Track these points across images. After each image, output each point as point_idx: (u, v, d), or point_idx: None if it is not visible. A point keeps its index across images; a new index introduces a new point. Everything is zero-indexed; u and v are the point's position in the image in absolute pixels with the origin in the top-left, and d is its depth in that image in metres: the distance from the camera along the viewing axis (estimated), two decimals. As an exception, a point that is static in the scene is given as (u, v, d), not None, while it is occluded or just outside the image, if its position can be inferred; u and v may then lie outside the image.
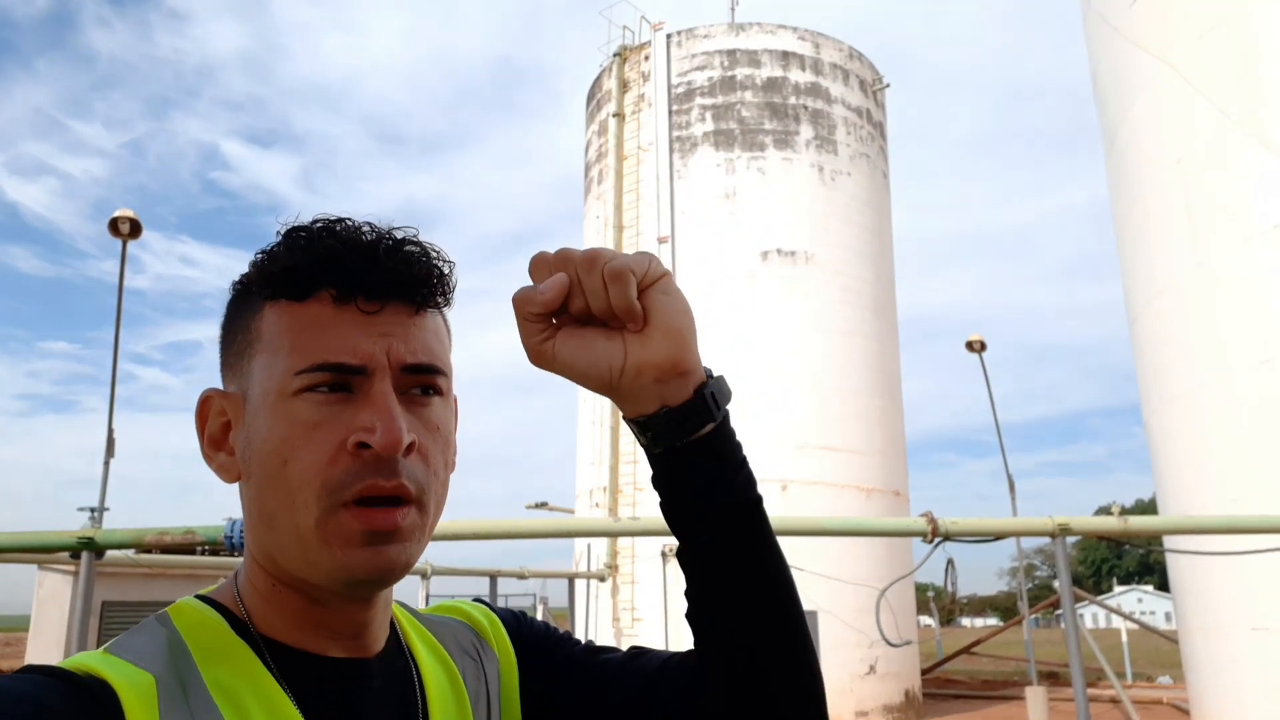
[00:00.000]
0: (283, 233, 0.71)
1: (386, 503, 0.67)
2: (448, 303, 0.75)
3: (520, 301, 0.67)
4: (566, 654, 0.87)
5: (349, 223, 0.70)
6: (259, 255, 0.71)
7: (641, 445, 0.75)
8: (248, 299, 0.73)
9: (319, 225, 0.70)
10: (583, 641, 0.90)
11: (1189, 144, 10.39)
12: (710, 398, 0.72)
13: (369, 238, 0.69)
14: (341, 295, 0.68)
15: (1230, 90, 9.95)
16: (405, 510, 0.68)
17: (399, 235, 0.71)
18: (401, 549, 0.68)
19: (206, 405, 0.76)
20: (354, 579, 0.67)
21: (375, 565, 0.67)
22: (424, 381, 0.71)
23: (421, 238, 0.73)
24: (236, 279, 0.74)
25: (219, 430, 0.75)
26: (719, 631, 0.75)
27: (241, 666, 0.67)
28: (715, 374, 0.74)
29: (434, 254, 0.72)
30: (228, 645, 0.68)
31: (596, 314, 0.68)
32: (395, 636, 0.79)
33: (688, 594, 0.76)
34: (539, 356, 0.70)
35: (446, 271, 0.73)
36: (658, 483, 0.75)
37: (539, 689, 0.85)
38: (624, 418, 0.75)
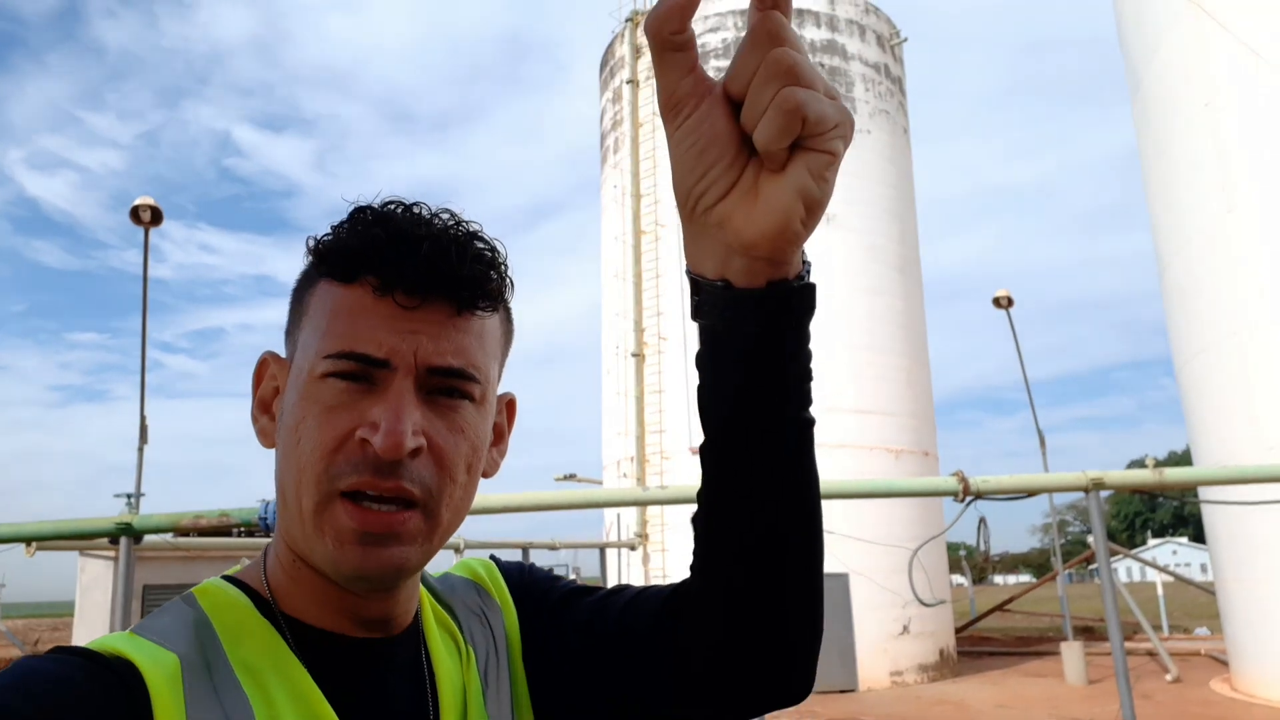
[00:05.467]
0: (350, 211, 0.69)
1: (387, 503, 0.66)
2: (495, 308, 0.72)
3: (655, 23, 0.54)
4: (558, 596, 0.87)
5: (411, 211, 0.68)
6: (328, 230, 0.71)
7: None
8: (309, 271, 0.73)
9: (378, 210, 0.68)
10: (576, 585, 0.90)
11: (1218, 86, 10.14)
12: (781, 301, 0.61)
13: (419, 230, 0.67)
14: (382, 286, 0.67)
15: (1261, 28, 9.67)
16: (408, 515, 0.66)
17: (455, 231, 0.68)
18: (399, 552, 0.66)
19: (263, 368, 0.77)
20: (345, 576, 0.67)
21: (367, 565, 0.66)
22: (452, 385, 0.69)
23: (485, 234, 0.70)
24: (308, 246, 0.72)
25: (270, 394, 0.75)
26: (733, 530, 0.69)
27: (265, 646, 0.67)
28: (809, 277, 0.62)
29: (487, 254, 0.69)
30: (252, 625, 0.68)
31: (743, 121, 0.55)
32: (417, 613, 0.79)
33: (699, 495, 0.70)
34: (669, 98, 0.56)
35: (497, 275, 0.70)
36: (696, 359, 0.66)
37: (533, 630, 0.86)
38: (685, 259, 0.64)
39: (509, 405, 0.82)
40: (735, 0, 16.95)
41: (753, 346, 0.62)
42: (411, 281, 0.66)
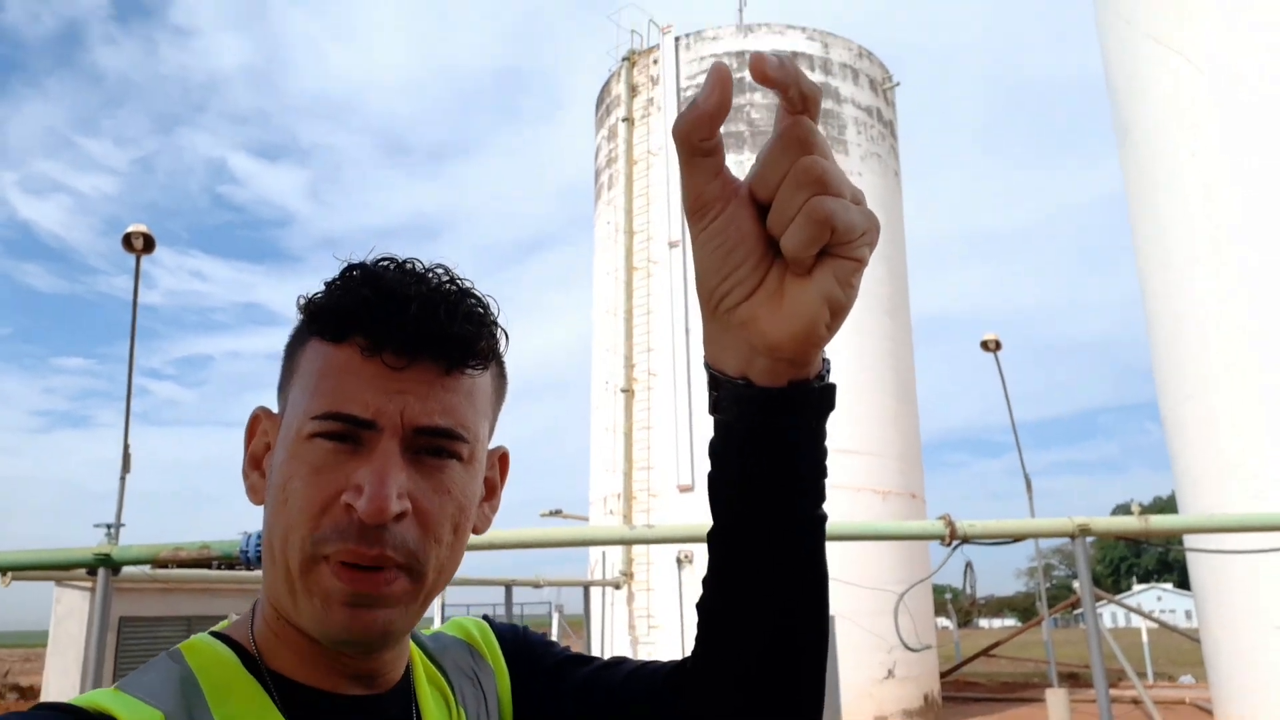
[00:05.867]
0: (341, 269, 0.69)
1: (370, 567, 0.65)
2: (484, 367, 0.72)
3: (684, 129, 0.54)
4: (552, 661, 0.87)
5: (402, 269, 0.68)
6: (320, 288, 0.71)
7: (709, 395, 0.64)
8: (301, 329, 0.73)
9: (368, 268, 0.68)
10: (573, 650, 0.90)
11: (1204, 133, 10.30)
12: (802, 401, 0.61)
13: (408, 290, 0.67)
14: (371, 346, 0.67)
15: (1245, 79, 9.86)
16: (393, 575, 0.66)
17: (445, 289, 0.68)
18: (385, 614, 0.66)
19: (255, 423, 0.76)
20: (332, 639, 0.67)
21: (353, 628, 0.65)
22: (439, 444, 0.69)
23: (477, 291, 0.70)
24: (299, 304, 0.72)
25: (261, 450, 0.75)
26: (740, 619, 0.69)
27: (251, 704, 0.67)
28: (829, 376, 0.63)
29: (478, 313, 0.70)
30: (238, 682, 0.68)
31: (769, 225, 0.56)
32: (407, 670, 0.78)
33: (706, 581, 0.71)
34: (696, 201, 0.56)
35: (487, 334, 0.70)
36: (711, 449, 0.66)
37: (526, 695, 0.85)
38: (704, 353, 0.64)
39: (501, 460, 0.82)
40: (730, 43, 17.18)
41: (771, 444, 0.62)
42: (399, 342, 0.66)
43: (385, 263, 0.69)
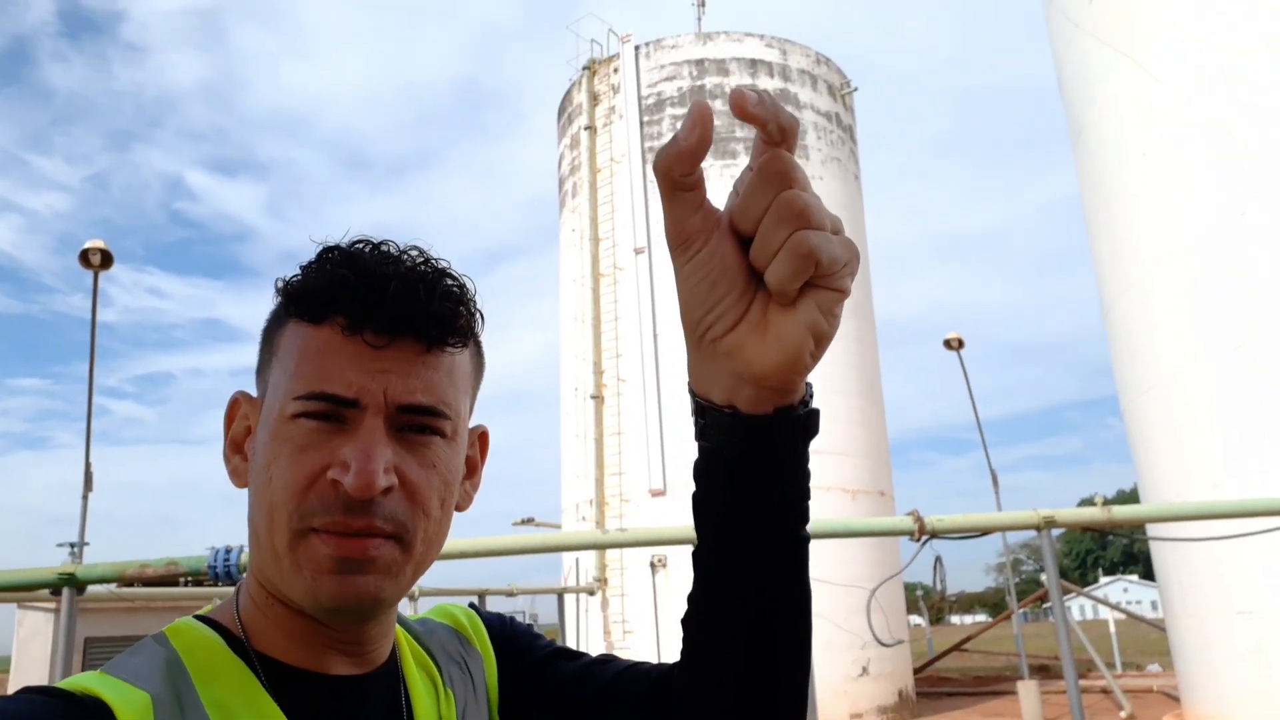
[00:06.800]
0: (318, 251, 0.70)
1: (357, 534, 0.66)
2: (464, 344, 0.72)
3: (664, 165, 0.55)
4: (541, 654, 0.88)
5: (379, 250, 0.69)
6: (296, 270, 0.71)
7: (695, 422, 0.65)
8: (279, 312, 0.73)
9: (345, 249, 0.69)
10: (558, 645, 0.91)
11: (1153, 135, 10.53)
12: (788, 427, 0.62)
13: (387, 269, 0.67)
14: (351, 325, 0.67)
15: (1191, 80, 10.10)
16: (382, 541, 0.67)
17: (423, 269, 0.69)
18: (374, 580, 0.67)
19: (235, 407, 0.77)
20: (323, 607, 0.67)
21: (344, 593, 0.66)
22: (423, 421, 0.69)
23: (454, 271, 0.71)
24: (277, 287, 0.72)
25: (242, 434, 0.75)
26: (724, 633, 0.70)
27: (238, 684, 0.67)
28: (813, 401, 0.64)
29: (455, 292, 0.70)
30: (224, 663, 0.68)
31: (753, 258, 0.56)
32: (394, 651, 0.79)
33: (691, 598, 0.72)
34: (679, 235, 0.57)
35: (465, 312, 0.71)
36: (696, 472, 0.67)
37: (513, 684, 0.86)
38: (688, 380, 0.64)
39: (481, 438, 0.82)
40: (689, 51, 17.28)
41: (757, 470, 0.63)
42: (380, 321, 0.67)
43: (361, 244, 0.69)
